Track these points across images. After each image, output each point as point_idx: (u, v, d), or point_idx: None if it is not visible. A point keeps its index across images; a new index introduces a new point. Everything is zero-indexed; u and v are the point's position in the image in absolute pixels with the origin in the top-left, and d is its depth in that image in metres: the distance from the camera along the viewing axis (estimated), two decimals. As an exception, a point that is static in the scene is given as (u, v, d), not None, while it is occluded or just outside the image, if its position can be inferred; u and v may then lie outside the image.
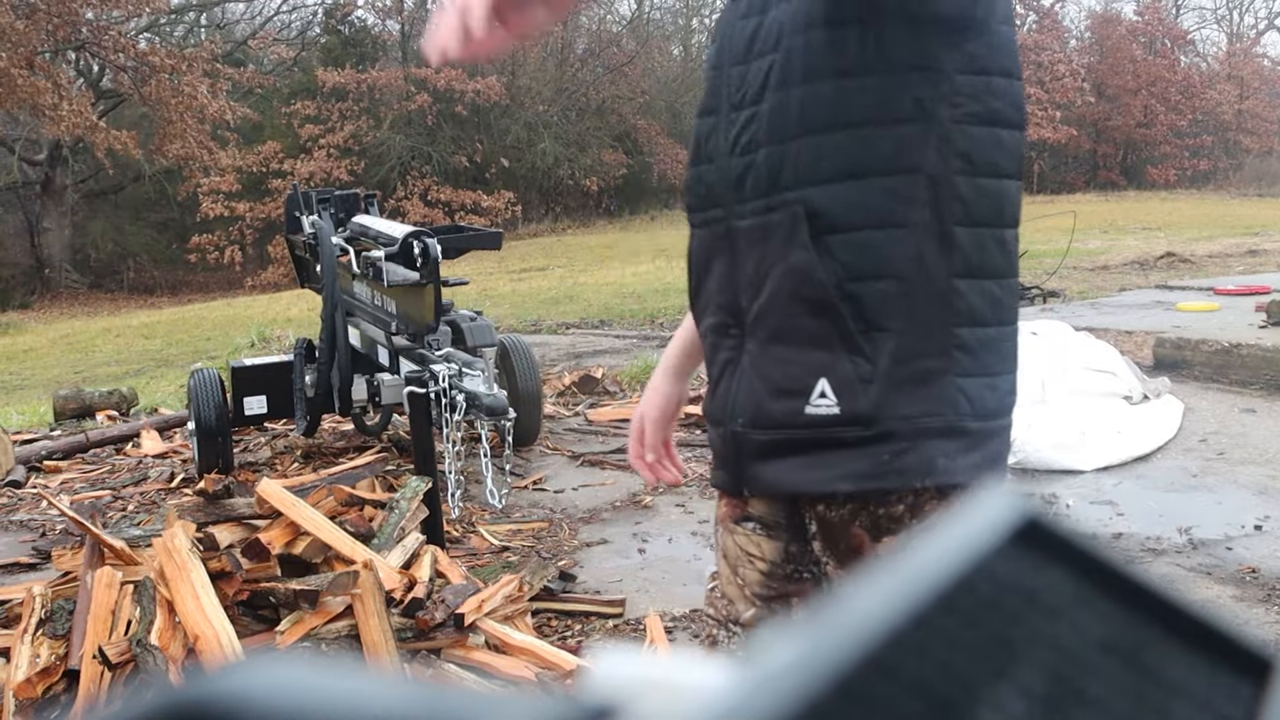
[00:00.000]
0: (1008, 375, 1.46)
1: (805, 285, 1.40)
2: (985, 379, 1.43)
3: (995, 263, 1.43)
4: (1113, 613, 0.39)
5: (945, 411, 1.40)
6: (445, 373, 3.90)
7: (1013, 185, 1.44)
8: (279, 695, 0.29)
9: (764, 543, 1.57)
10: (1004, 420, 1.46)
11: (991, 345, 1.43)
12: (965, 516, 0.39)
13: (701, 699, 0.29)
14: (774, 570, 1.57)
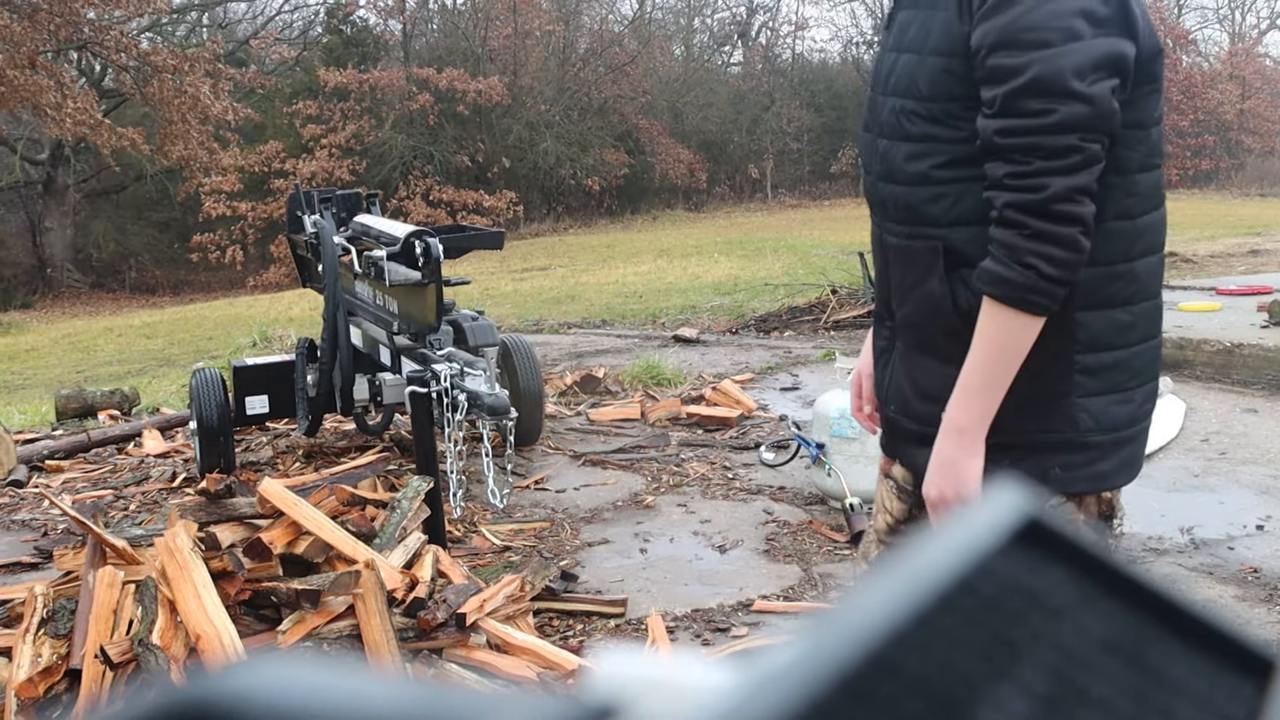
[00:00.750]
0: (1143, 386, 1.64)
1: (940, 312, 1.61)
2: (1115, 395, 1.60)
3: (1122, 292, 1.59)
4: (1115, 612, 0.39)
5: (1064, 429, 1.60)
6: (447, 372, 3.90)
7: (1140, 222, 1.59)
8: (281, 695, 0.29)
9: (894, 501, 1.83)
10: (1139, 426, 1.66)
11: (1122, 365, 1.60)
12: (967, 516, 0.39)
13: (703, 699, 0.29)
14: (896, 525, 1.84)
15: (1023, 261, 1.50)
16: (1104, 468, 1.65)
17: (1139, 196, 1.57)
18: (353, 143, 28.25)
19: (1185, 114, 39.25)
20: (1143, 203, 1.58)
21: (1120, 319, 1.59)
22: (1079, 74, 1.47)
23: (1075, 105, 1.47)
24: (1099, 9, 1.49)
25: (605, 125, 32.33)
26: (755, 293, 11.78)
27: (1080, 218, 1.50)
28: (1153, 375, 1.66)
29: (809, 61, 43.61)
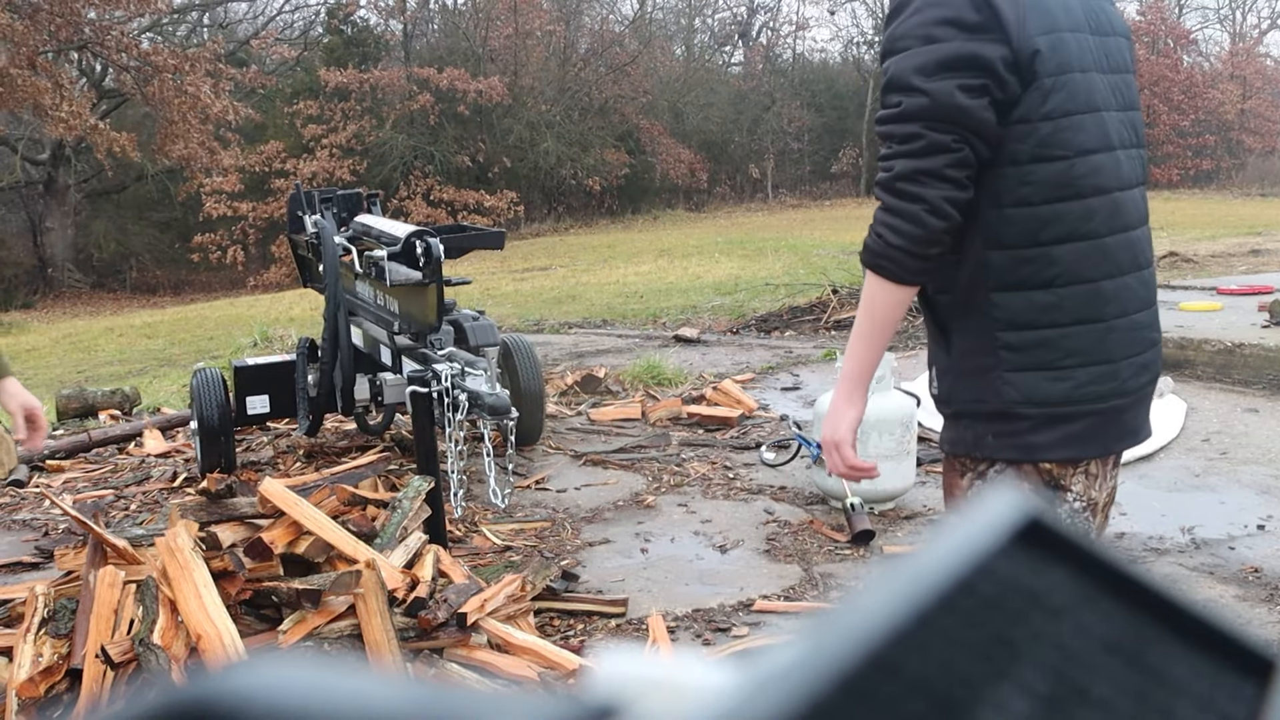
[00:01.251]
0: (1086, 367, 1.76)
1: (921, 296, 1.86)
2: (1046, 372, 1.75)
3: (1038, 275, 1.74)
4: (1115, 612, 0.39)
5: (993, 400, 1.78)
6: (448, 372, 3.90)
7: (1045, 210, 1.74)
8: (282, 695, 0.29)
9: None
10: (1083, 406, 1.77)
11: (1051, 343, 1.75)
12: (968, 517, 0.39)
13: (704, 699, 0.29)
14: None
15: (875, 231, 1.76)
16: (1036, 440, 1.78)
17: (1036, 185, 1.73)
18: (353, 143, 28.25)
19: (1186, 114, 39.22)
20: (1043, 192, 1.73)
21: (1041, 299, 1.74)
22: (922, 72, 1.71)
23: (916, 98, 1.71)
24: (969, 16, 1.70)
25: (606, 125, 32.32)
26: (756, 293, 11.78)
27: (921, 197, 1.71)
28: (1103, 358, 1.76)
29: (810, 61, 43.59)
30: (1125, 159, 1.82)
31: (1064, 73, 1.73)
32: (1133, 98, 1.91)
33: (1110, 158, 1.79)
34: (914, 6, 1.75)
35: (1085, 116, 1.76)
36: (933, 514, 4.41)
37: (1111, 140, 1.79)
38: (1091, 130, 1.76)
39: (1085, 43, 1.79)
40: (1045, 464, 1.81)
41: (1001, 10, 1.70)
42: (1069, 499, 1.87)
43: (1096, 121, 1.77)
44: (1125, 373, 1.80)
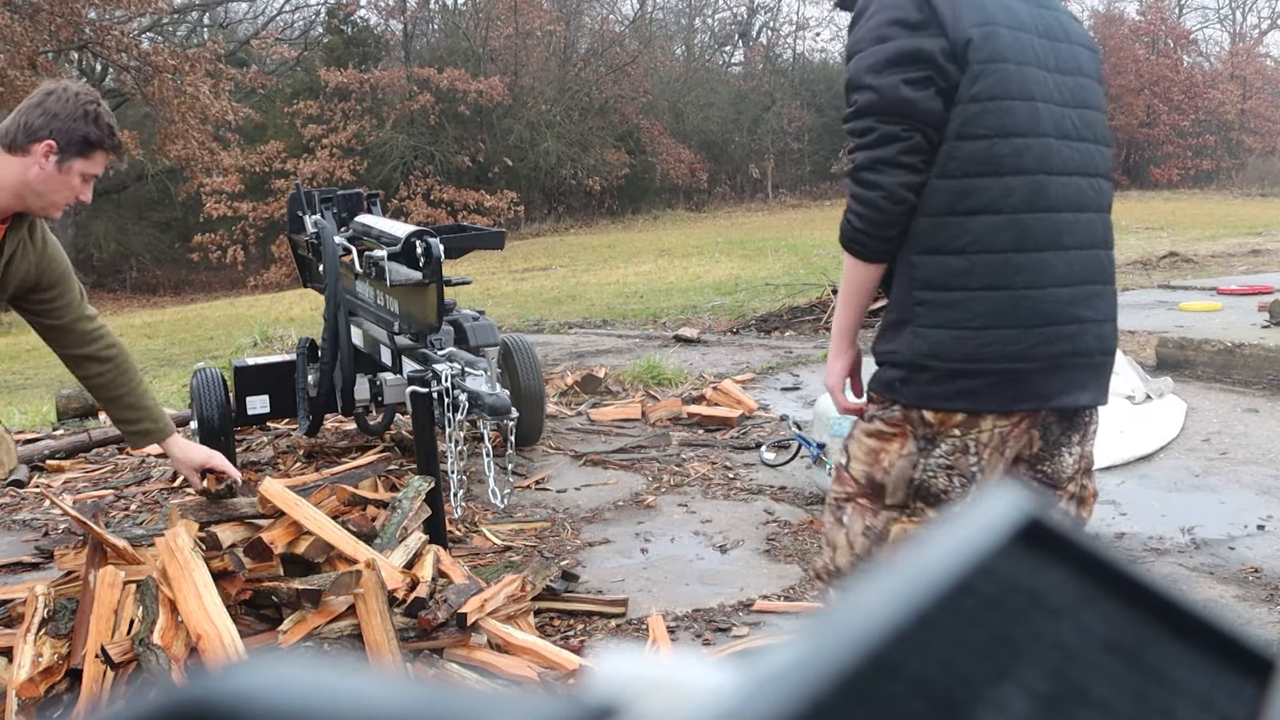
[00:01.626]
0: (991, 329, 1.93)
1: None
2: (954, 330, 1.94)
3: (953, 242, 1.93)
4: (1115, 612, 0.39)
5: (906, 350, 1.98)
6: (448, 372, 3.90)
7: (964, 183, 1.92)
8: (282, 695, 0.29)
9: None
10: (983, 364, 1.94)
11: (960, 305, 1.93)
12: (968, 516, 0.39)
13: (704, 699, 0.29)
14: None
15: (846, 216, 2.01)
16: (935, 390, 1.98)
17: (959, 160, 1.92)
18: (354, 143, 28.26)
19: (1186, 114, 39.22)
20: (964, 166, 1.92)
21: (954, 264, 1.94)
22: (872, 70, 1.91)
23: (867, 94, 1.92)
24: (911, 15, 1.90)
25: (606, 125, 32.33)
26: (756, 293, 11.78)
27: (878, 184, 1.92)
28: (1011, 323, 1.94)
29: (810, 61, 43.58)
30: (1065, 148, 1.99)
31: (994, 61, 1.91)
32: (1088, 99, 2.07)
33: (1040, 143, 1.95)
34: (868, 13, 1.96)
35: (1016, 103, 1.92)
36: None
37: (1043, 128, 1.95)
38: (1020, 116, 1.93)
39: (1025, 40, 1.97)
40: (928, 414, 1.99)
41: (939, 7, 1.90)
42: (935, 454, 2.01)
43: (1029, 110, 1.94)
44: (1034, 339, 1.95)
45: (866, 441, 2.08)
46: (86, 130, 2.81)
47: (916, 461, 2.02)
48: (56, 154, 2.79)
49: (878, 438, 2.06)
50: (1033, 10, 2.02)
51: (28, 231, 3.00)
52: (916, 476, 2.03)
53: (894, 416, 2.03)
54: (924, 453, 2.02)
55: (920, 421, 2.00)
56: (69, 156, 2.81)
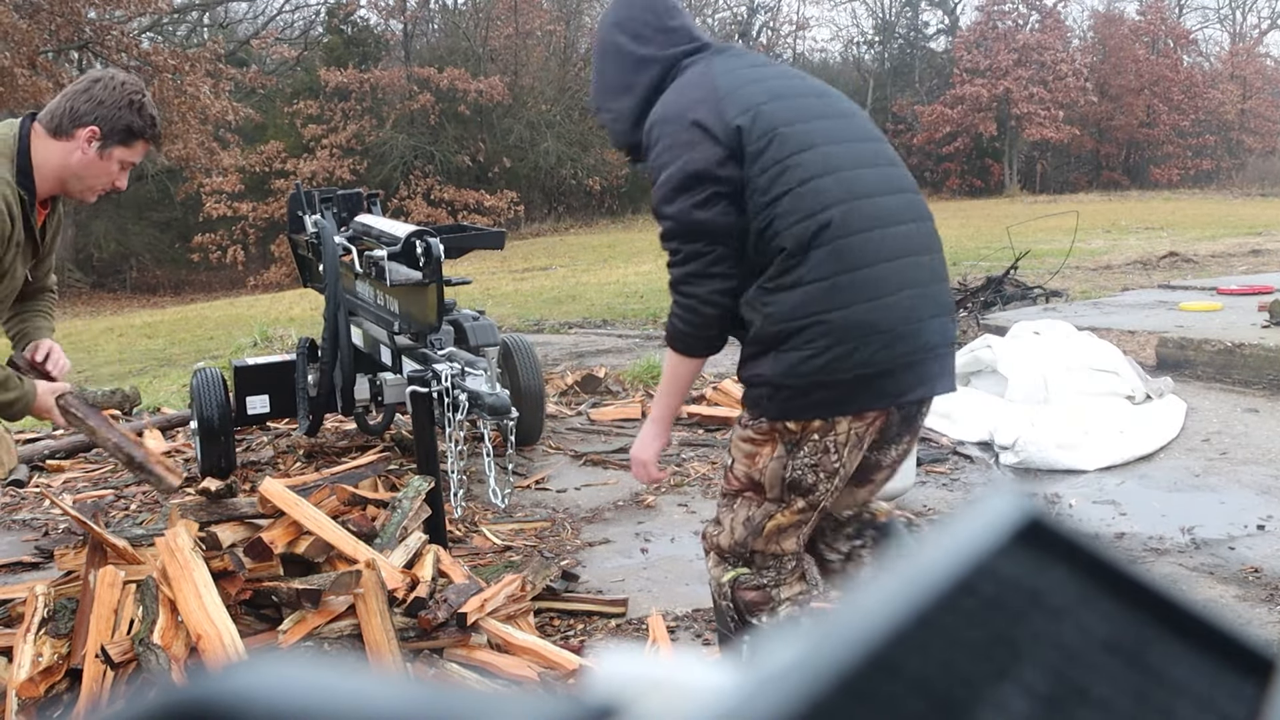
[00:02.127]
0: (835, 348, 2.14)
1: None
2: (802, 352, 2.16)
3: (789, 278, 2.15)
4: (1115, 612, 0.39)
5: (765, 372, 2.22)
6: (448, 372, 3.90)
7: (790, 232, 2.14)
8: (282, 695, 0.29)
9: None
10: (831, 377, 2.17)
11: (806, 329, 2.15)
12: (969, 516, 0.39)
13: (704, 698, 0.29)
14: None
15: (669, 320, 2.30)
16: (793, 404, 2.21)
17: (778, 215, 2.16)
18: (354, 142, 28.25)
19: (1186, 114, 39.20)
20: (782, 219, 2.15)
21: (794, 297, 2.16)
22: (665, 200, 2.20)
23: (666, 223, 2.22)
24: (682, 137, 2.16)
25: (606, 125, 32.26)
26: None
27: (693, 294, 2.21)
28: (855, 336, 2.15)
29: (810, 61, 43.57)
30: (867, 174, 2.23)
31: (770, 131, 2.15)
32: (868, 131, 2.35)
33: (838, 177, 2.18)
34: (653, 149, 2.22)
35: (804, 155, 2.16)
36: (933, 514, 4.41)
37: (837, 164, 2.19)
38: (813, 162, 2.16)
39: (792, 104, 2.22)
40: (790, 424, 2.23)
41: (705, 123, 2.16)
42: (799, 455, 2.26)
43: (817, 155, 2.17)
44: (875, 345, 2.16)
45: (743, 446, 2.32)
46: (130, 119, 2.89)
47: (786, 463, 2.28)
48: (99, 140, 2.86)
49: (751, 444, 2.30)
50: (789, 82, 2.31)
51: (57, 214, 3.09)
52: (787, 475, 2.29)
53: (762, 427, 2.27)
54: (791, 455, 2.27)
55: (785, 430, 2.25)
56: (110, 143, 2.88)
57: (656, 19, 2.35)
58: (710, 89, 2.21)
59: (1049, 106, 36.78)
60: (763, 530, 2.34)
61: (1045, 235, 15.04)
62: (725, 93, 2.20)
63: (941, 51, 42.63)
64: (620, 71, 2.34)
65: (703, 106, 2.18)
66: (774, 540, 2.36)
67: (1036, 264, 11.78)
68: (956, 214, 27.16)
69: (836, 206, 2.16)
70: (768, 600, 2.38)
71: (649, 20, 2.34)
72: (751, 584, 2.39)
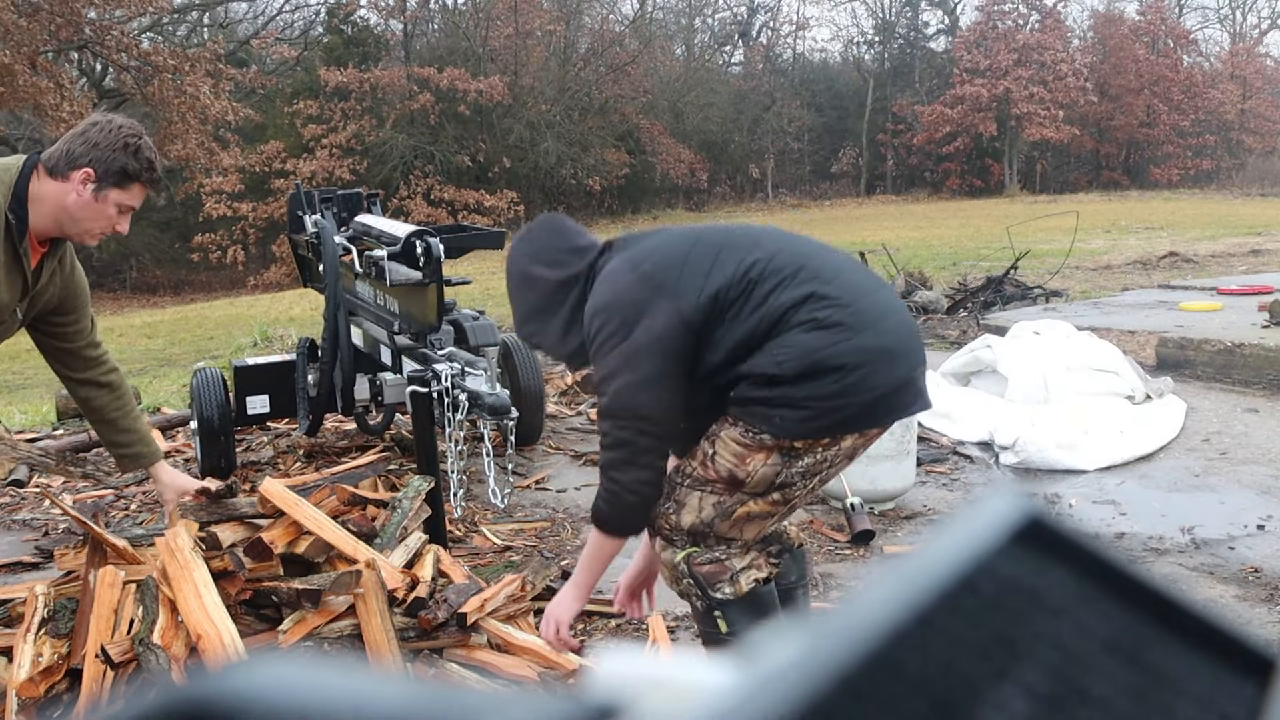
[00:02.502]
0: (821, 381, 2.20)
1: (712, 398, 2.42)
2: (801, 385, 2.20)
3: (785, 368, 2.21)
4: (1115, 612, 0.39)
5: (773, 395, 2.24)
6: (448, 372, 3.89)
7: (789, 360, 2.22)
8: (282, 695, 0.29)
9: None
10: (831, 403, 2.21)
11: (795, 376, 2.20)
12: (969, 516, 0.39)
13: (704, 698, 0.29)
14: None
15: (596, 496, 2.38)
16: (802, 427, 2.23)
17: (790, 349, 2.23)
18: (353, 142, 28.25)
19: (1186, 114, 39.22)
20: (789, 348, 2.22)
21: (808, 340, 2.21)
22: (606, 379, 2.26)
23: (602, 399, 2.30)
24: (631, 316, 2.23)
25: (606, 125, 32.32)
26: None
27: (616, 480, 2.29)
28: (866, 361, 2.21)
29: (810, 61, 43.62)
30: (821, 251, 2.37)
31: (745, 276, 2.23)
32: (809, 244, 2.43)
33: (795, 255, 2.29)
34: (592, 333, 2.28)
35: (785, 277, 2.23)
36: (933, 514, 4.41)
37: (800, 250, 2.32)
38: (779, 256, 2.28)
39: (736, 250, 2.29)
40: (797, 442, 2.25)
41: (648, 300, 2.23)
42: (797, 465, 2.29)
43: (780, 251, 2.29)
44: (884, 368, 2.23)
45: (733, 447, 2.31)
46: (125, 162, 2.87)
47: (780, 470, 2.29)
48: (94, 182, 2.85)
49: (744, 448, 2.29)
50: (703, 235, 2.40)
51: (60, 258, 3.08)
52: (778, 480, 2.31)
53: (762, 440, 2.27)
54: (787, 465, 2.29)
55: (789, 446, 2.27)
56: (105, 186, 2.87)
57: (567, 242, 2.47)
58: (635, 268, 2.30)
59: (1049, 106, 36.80)
60: (732, 514, 2.36)
61: (1045, 235, 15.04)
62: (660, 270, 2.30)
63: (941, 51, 42.66)
64: (543, 298, 2.45)
65: (640, 289, 2.26)
66: (739, 526, 2.37)
67: (1036, 264, 11.79)
68: (956, 214, 27.17)
69: (809, 262, 2.30)
70: (725, 570, 2.38)
71: (560, 246, 2.46)
72: (704, 559, 2.39)
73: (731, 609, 2.38)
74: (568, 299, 2.43)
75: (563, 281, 2.43)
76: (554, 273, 2.44)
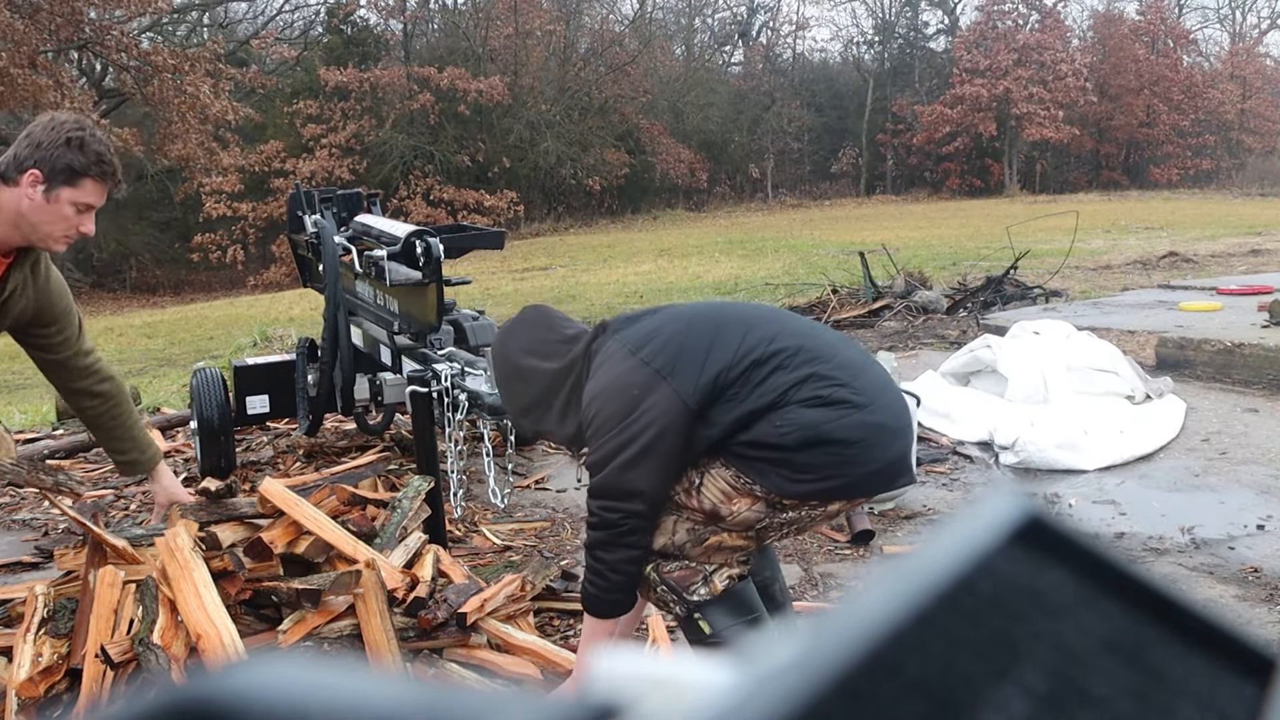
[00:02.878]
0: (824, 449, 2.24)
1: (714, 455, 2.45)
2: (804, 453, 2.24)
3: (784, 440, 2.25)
4: (1115, 612, 0.39)
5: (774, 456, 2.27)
6: (448, 372, 3.89)
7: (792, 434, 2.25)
8: (281, 694, 0.29)
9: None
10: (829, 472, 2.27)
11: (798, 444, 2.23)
12: (968, 516, 0.39)
13: (704, 698, 0.29)
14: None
15: (583, 578, 2.44)
16: (793, 489, 2.27)
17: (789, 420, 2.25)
18: (353, 142, 28.26)
19: (1186, 114, 39.23)
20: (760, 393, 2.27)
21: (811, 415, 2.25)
22: (596, 462, 2.31)
23: (594, 480, 2.33)
24: (630, 401, 2.25)
25: (606, 125, 32.32)
26: (756, 292, 11.78)
27: (602, 559, 2.34)
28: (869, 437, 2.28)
29: (810, 61, 43.62)
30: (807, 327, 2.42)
31: (745, 359, 2.27)
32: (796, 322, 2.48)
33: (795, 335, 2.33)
34: (590, 416, 2.30)
35: (786, 358, 2.27)
36: (933, 514, 4.41)
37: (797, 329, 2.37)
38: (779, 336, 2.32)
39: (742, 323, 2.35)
40: (787, 500, 2.28)
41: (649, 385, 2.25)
42: (781, 516, 2.32)
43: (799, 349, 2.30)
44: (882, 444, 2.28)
45: (723, 485, 2.32)
46: (70, 158, 2.78)
47: (763, 518, 2.33)
48: (42, 183, 2.77)
49: (733, 490, 2.31)
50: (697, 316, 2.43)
51: (30, 268, 2.99)
52: (759, 525, 2.35)
53: (753, 490, 2.29)
54: (771, 515, 2.32)
55: (776, 500, 2.29)
56: (55, 185, 2.78)
57: (557, 334, 2.50)
58: (634, 354, 2.33)
59: (1049, 106, 36.80)
60: (704, 542, 2.38)
61: (1045, 235, 15.04)
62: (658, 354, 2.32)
63: (941, 51, 42.67)
64: (539, 389, 2.48)
65: (639, 373, 2.29)
66: (709, 553, 2.38)
67: (1036, 264, 11.79)
68: (956, 214, 27.17)
69: (808, 342, 2.35)
70: (696, 573, 2.39)
71: (550, 339, 2.49)
72: (673, 565, 2.41)
73: (711, 610, 2.38)
74: (564, 385, 2.46)
75: (558, 371, 2.46)
76: (549, 364, 2.47)
